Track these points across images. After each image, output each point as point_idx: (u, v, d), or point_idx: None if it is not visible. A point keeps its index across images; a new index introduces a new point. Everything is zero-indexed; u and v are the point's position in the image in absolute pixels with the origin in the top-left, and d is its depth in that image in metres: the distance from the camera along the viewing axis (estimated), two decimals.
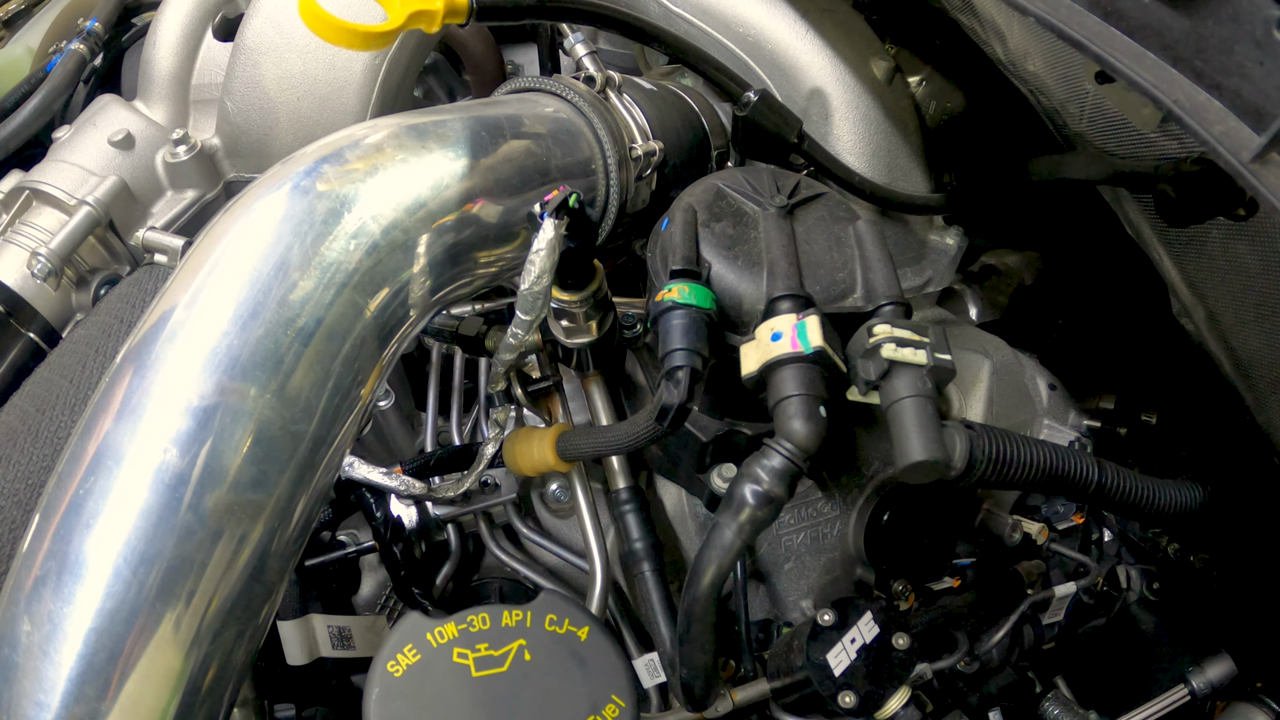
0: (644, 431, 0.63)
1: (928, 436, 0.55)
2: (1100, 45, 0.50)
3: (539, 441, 0.73)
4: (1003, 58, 0.76)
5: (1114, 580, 0.94)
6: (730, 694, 0.73)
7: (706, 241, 0.68)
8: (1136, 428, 0.97)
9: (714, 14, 0.91)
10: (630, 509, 0.79)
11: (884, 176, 0.88)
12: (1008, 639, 0.83)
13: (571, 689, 0.63)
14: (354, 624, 0.80)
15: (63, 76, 1.11)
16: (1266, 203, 0.45)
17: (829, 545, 0.81)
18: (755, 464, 0.58)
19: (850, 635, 0.70)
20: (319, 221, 0.55)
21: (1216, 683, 0.89)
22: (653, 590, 0.77)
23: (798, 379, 0.59)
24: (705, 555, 0.59)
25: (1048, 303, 1.11)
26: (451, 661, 0.63)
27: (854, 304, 0.66)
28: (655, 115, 0.81)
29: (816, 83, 0.87)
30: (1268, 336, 0.70)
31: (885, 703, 0.70)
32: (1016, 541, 0.84)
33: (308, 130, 0.94)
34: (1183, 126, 0.47)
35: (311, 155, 0.59)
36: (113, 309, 0.82)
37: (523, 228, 0.67)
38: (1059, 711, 0.88)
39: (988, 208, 0.97)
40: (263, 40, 0.93)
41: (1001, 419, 0.92)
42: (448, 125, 0.64)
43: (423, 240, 0.60)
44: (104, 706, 0.47)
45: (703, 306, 0.62)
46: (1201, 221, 0.68)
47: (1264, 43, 0.45)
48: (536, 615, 0.65)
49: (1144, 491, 0.72)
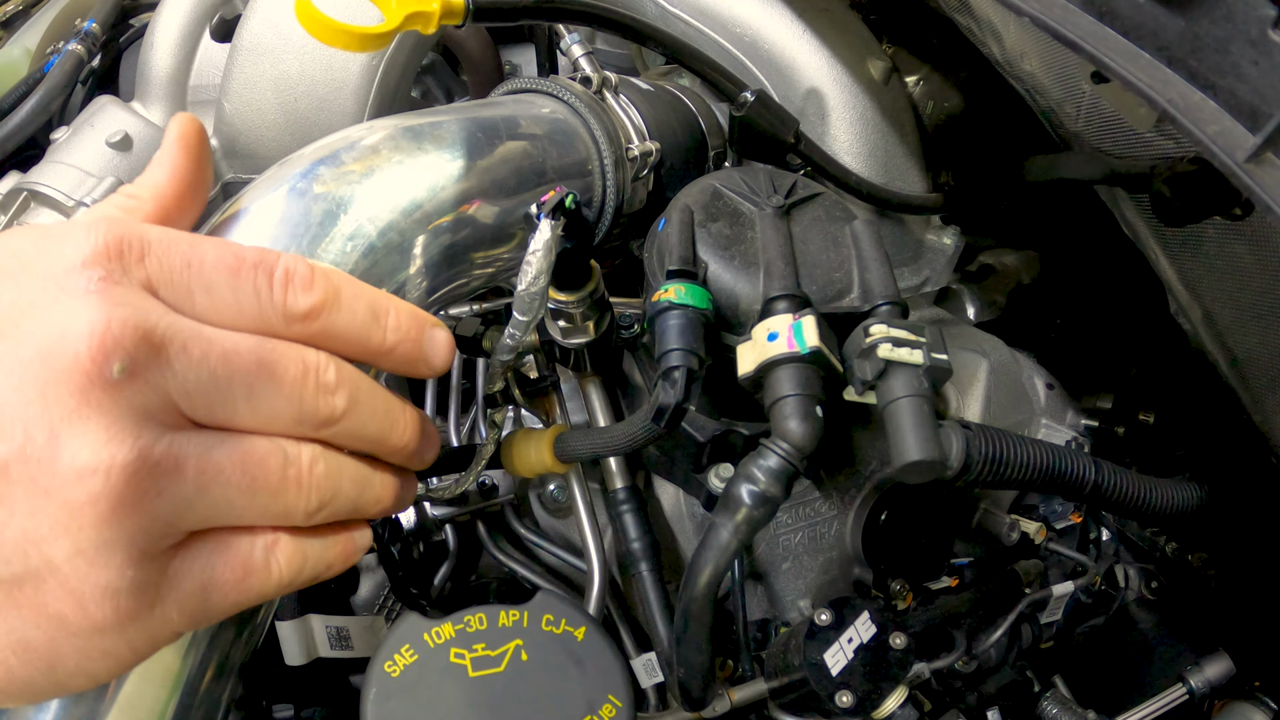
0: (641, 432, 0.63)
1: (924, 436, 0.55)
2: (1095, 45, 0.50)
3: (536, 442, 0.73)
4: (999, 58, 0.76)
5: (1112, 579, 0.94)
6: (728, 693, 0.73)
7: (703, 242, 0.68)
8: (1134, 427, 0.97)
9: (711, 14, 0.91)
10: (628, 509, 0.79)
11: (881, 176, 0.88)
12: (1006, 638, 0.83)
13: (569, 689, 0.63)
14: (352, 624, 0.79)
15: (60, 77, 1.11)
16: (1261, 202, 0.45)
17: (826, 545, 0.81)
18: (752, 464, 0.58)
19: (847, 635, 0.70)
20: (315, 223, 0.55)
21: (1215, 682, 0.89)
22: (650, 590, 0.77)
23: (794, 379, 0.59)
24: (702, 555, 0.59)
25: (1045, 302, 1.11)
26: (449, 662, 0.63)
27: (850, 304, 0.66)
28: (652, 115, 0.81)
29: (813, 83, 0.87)
30: (1264, 336, 0.71)
31: (883, 702, 0.70)
32: (1014, 541, 0.84)
33: (305, 131, 0.94)
34: (1177, 126, 0.47)
35: (308, 157, 0.59)
36: None
37: (519, 229, 0.67)
38: (1057, 710, 0.88)
39: (985, 207, 0.97)
40: (260, 41, 0.93)
41: (999, 418, 0.92)
42: (444, 127, 0.64)
43: (419, 242, 0.60)
44: (102, 708, 0.47)
45: (699, 307, 0.63)
46: (1198, 221, 0.68)
47: (1259, 42, 0.45)
48: (533, 615, 0.66)
49: (1142, 491, 0.72)
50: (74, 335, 0.35)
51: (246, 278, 0.40)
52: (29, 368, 0.35)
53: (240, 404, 0.39)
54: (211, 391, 0.38)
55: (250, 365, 0.39)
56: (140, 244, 0.38)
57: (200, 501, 0.38)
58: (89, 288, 0.36)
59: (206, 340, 0.38)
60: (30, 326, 0.35)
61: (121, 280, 0.37)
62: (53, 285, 0.36)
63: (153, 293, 0.38)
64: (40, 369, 0.35)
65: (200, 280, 0.39)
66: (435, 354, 0.46)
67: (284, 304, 0.40)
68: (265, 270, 0.40)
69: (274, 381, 0.39)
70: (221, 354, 0.38)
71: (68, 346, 0.35)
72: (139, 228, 0.39)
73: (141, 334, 0.36)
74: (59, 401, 0.34)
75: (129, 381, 0.35)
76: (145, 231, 0.39)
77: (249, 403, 0.39)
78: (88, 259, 0.37)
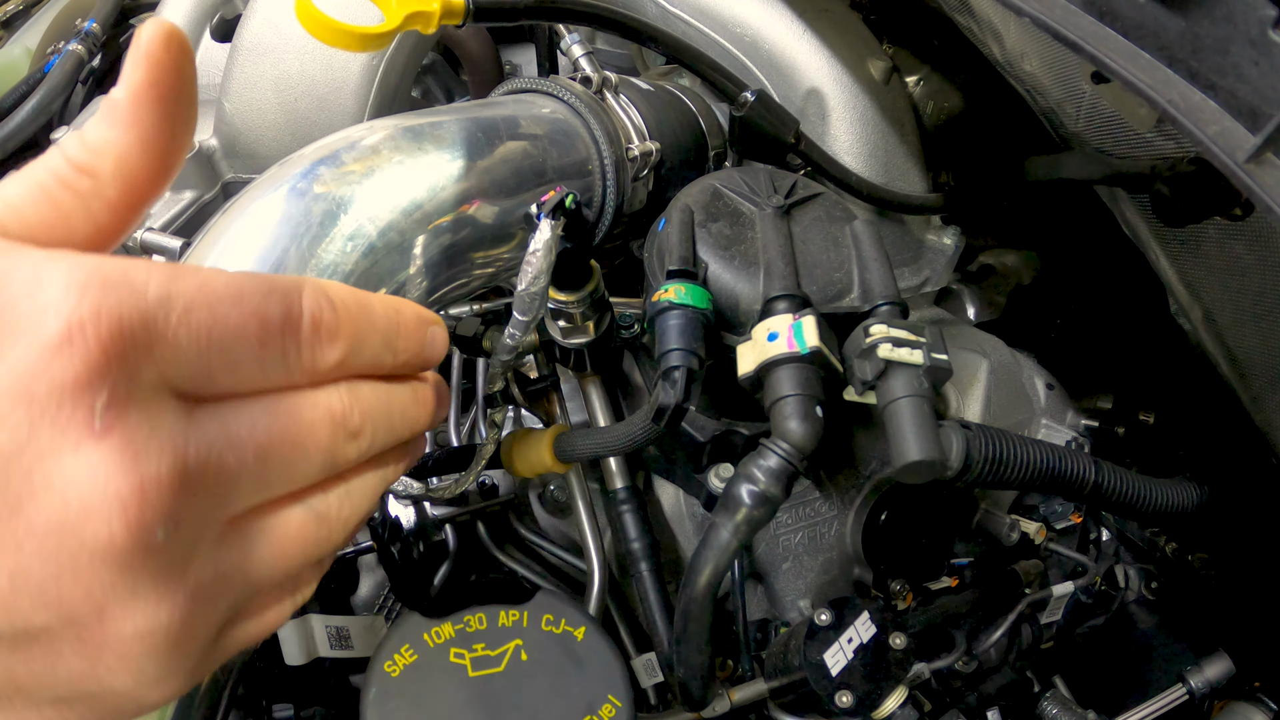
0: (641, 432, 0.63)
1: (924, 436, 0.55)
2: (1095, 45, 0.50)
3: (536, 442, 0.74)
4: (1000, 58, 0.76)
5: (1112, 579, 0.94)
6: (728, 693, 0.73)
7: (703, 242, 0.68)
8: (1134, 427, 0.97)
9: (711, 14, 0.91)
10: (628, 509, 0.79)
11: (881, 176, 0.88)
12: (1005, 638, 0.83)
13: (568, 689, 0.63)
14: (352, 624, 0.79)
15: (61, 77, 1.11)
16: (1261, 203, 0.45)
17: (826, 545, 0.81)
18: (752, 464, 0.58)
19: (847, 635, 0.70)
20: (316, 223, 0.55)
21: (1215, 682, 0.89)
22: (650, 590, 0.77)
23: (794, 379, 0.59)
24: (702, 555, 0.59)
25: (1045, 302, 1.11)
26: (448, 662, 0.63)
27: (851, 304, 0.66)
28: (652, 116, 0.81)
29: (814, 83, 0.87)
30: (1264, 335, 0.71)
31: (882, 702, 0.70)
32: (1014, 541, 0.84)
33: (305, 131, 0.94)
34: (1178, 127, 0.47)
35: (308, 157, 0.59)
36: None
37: (520, 229, 0.67)
38: (1057, 711, 0.88)
39: (985, 208, 0.97)
40: (260, 41, 0.93)
41: (999, 418, 0.92)
42: (444, 127, 0.64)
43: (419, 242, 0.60)
44: None
45: (699, 307, 0.63)
46: (1198, 221, 0.68)
47: (1259, 43, 0.45)
48: (533, 615, 0.66)
49: (1142, 491, 0.72)
50: (100, 511, 0.28)
51: (274, 345, 0.34)
52: (47, 540, 0.28)
53: (275, 485, 0.35)
54: (249, 492, 0.34)
55: (283, 450, 0.34)
56: (145, 325, 0.29)
57: (251, 587, 0.36)
58: (97, 427, 0.27)
59: (241, 444, 0.32)
60: (30, 487, 0.27)
61: (134, 396, 0.28)
62: (43, 423, 0.27)
63: (170, 389, 0.30)
64: (65, 542, 0.28)
65: (223, 358, 0.32)
66: (434, 355, 0.46)
67: (312, 363, 0.36)
68: (292, 328, 0.34)
69: (303, 451, 0.36)
70: (256, 452, 0.33)
71: (96, 525, 0.28)
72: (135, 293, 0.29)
73: (182, 481, 0.29)
74: (97, 578, 0.29)
75: (175, 534, 0.30)
76: (144, 295, 0.29)
77: (283, 478, 0.35)
78: (81, 380, 0.27)
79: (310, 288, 0.35)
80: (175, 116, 0.34)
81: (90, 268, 0.29)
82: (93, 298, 0.28)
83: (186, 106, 0.35)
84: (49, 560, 0.28)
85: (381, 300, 0.40)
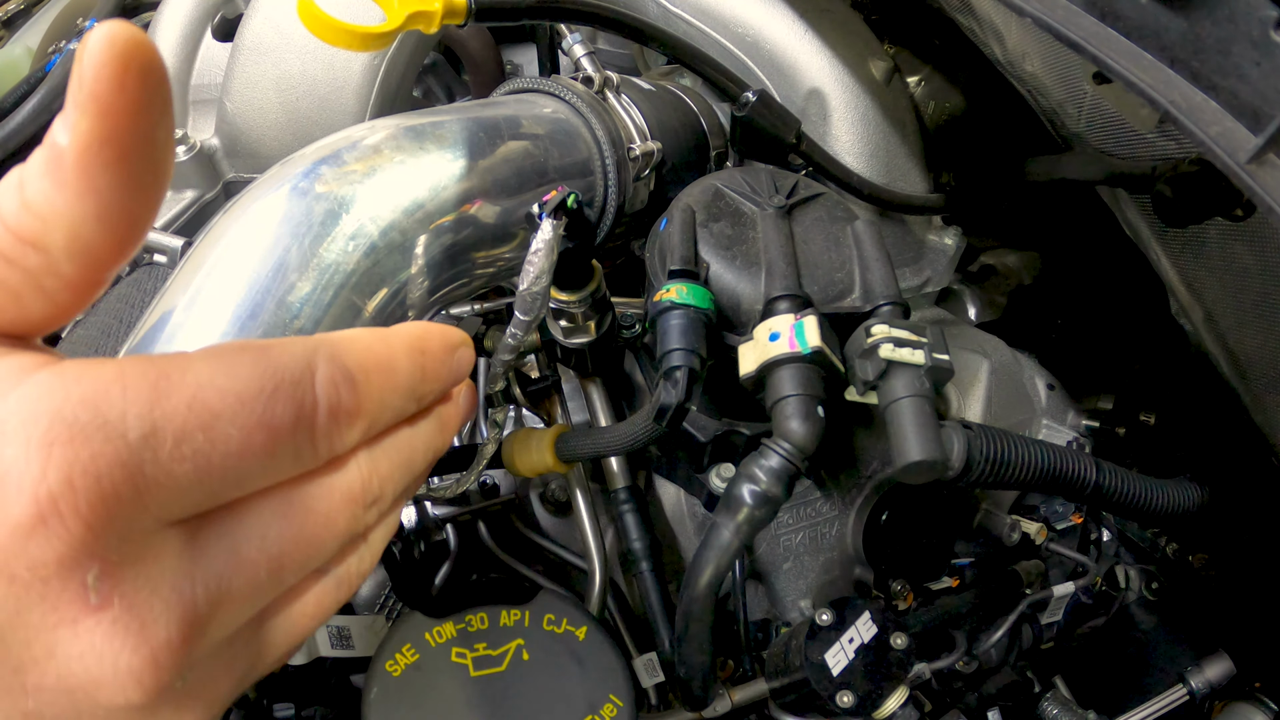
0: (642, 432, 0.63)
1: (925, 436, 0.55)
2: (1097, 46, 0.50)
3: (538, 442, 0.74)
4: (1001, 58, 0.76)
5: (1113, 580, 0.94)
6: (729, 693, 0.74)
7: (705, 242, 0.68)
8: (1135, 428, 0.97)
9: (712, 14, 0.91)
10: (629, 509, 0.79)
11: (882, 176, 0.88)
12: (1006, 639, 0.83)
13: (569, 688, 0.63)
14: (353, 623, 0.79)
15: (62, 76, 1.11)
16: (1262, 203, 0.45)
17: (827, 545, 0.81)
18: (753, 464, 0.58)
19: (848, 635, 0.70)
20: (317, 223, 0.55)
21: (1215, 682, 0.89)
22: (651, 590, 0.77)
23: (795, 379, 0.59)
24: (703, 555, 0.59)
25: (1046, 303, 1.11)
26: (450, 661, 0.63)
27: (852, 304, 0.66)
28: (654, 115, 0.81)
29: (815, 83, 0.87)
30: (1265, 336, 0.71)
31: (883, 702, 0.70)
32: (1015, 541, 0.84)
33: (307, 131, 0.94)
34: (1179, 127, 0.47)
35: (310, 157, 0.59)
36: (112, 309, 0.82)
37: (521, 228, 0.67)
38: (1057, 711, 0.88)
39: (986, 208, 0.97)
40: (262, 41, 0.93)
41: (1000, 419, 0.92)
42: (445, 126, 0.64)
43: (421, 241, 0.60)
44: None
45: (701, 307, 0.63)
46: (1199, 222, 0.68)
47: (1261, 43, 0.45)
48: (535, 615, 0.66)
49: (1142, 491, 0.72)
50: (112, 684, 0.25)
51: (286, 449, 0.29)
52: (58, 697, 0.26)
53: (291, 582, 0.32)
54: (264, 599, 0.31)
55: (299, 554, 0.31)
56: (130, 479, 0.24)
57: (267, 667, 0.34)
58: (93, 601, 0.24)
59: (253, 564, 0.29)
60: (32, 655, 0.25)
61: (129, 555, 0.25)
62: (30, 601, 0.24)
63: (168, 522, 0.27)
64: (78, 701, 0.26)
65: (227, 480, 0.27)
66: (461, 377, 0.39)
67: (329, 451, 0.31)
68: (306, 426, 0.29)
69: (320, 546, 0.32)
70: (270, 566, 0.30)
71: (109, 693, 0.25)
72: (112, 440, 0.24)
73: (195, 632, 0.27)
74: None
75: (194, 672, 0.28)
76: (123, 439, 0.24)
77: (300, 573, 0.32)
78: (66, 559, 0.23)
79: (324, 366, 0.30)
80: (140, 172, 0.26)
81: (52, 408, 0.24)
82: (61, 459, 0.23)
83: (156, 152, 0.27)
84: (64, 712, 0.26)
85: (405, 345, 0.35)
